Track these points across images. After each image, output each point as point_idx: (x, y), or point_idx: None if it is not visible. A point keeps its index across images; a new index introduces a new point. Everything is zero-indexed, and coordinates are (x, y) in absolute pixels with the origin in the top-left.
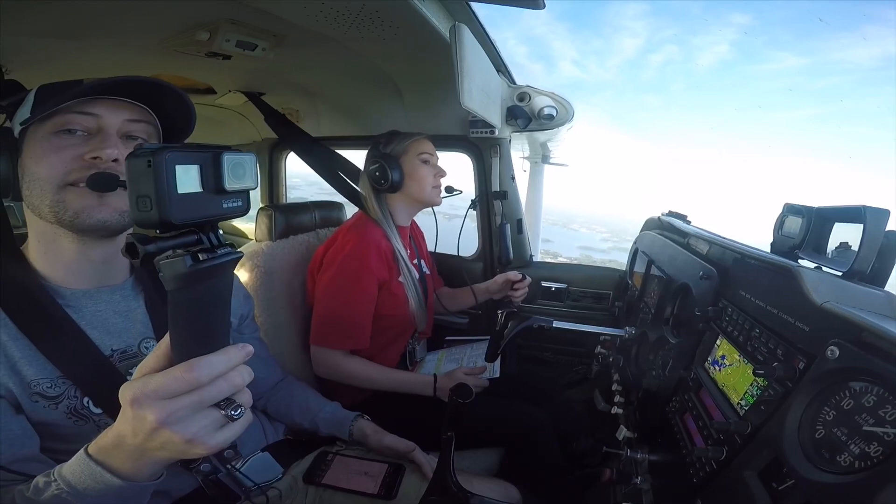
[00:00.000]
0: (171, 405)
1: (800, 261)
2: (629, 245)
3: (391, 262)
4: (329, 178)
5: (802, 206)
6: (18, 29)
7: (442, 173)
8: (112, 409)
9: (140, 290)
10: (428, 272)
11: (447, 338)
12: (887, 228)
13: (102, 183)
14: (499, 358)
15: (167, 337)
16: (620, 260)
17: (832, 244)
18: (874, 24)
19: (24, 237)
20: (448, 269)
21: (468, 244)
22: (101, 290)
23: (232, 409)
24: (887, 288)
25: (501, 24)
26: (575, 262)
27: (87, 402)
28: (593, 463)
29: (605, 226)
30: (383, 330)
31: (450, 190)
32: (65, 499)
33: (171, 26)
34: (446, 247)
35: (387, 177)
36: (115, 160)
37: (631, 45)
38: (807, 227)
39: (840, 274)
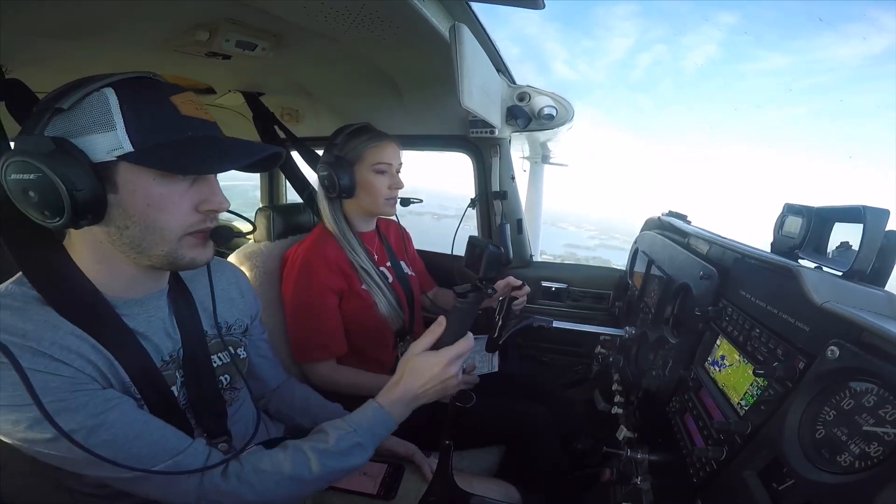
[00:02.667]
0: (460, 362)
1: (800, 261)
2: (616, 243)
3: (348, 272)
4: (297, 185)
5: (802, 206)
6: (19, 28)
7: (399, 185)
8: (154, 413)
9: (171, 301)
10: (411, 273)
11: None
12: (887, 228)
13: (224, 237)
14: (497, 352)
15: (436, 326)
16: (605, 257)
17: (832, 244)
18: (858, 22)
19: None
20: (444, 269)
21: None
22: (147, 298)
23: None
24: (887, 288)
25: (494, 26)
26: (559, 258)
27: (143, 406)
28: (593, 463)
29: (594, 224)
30: (358, 334)
31: (406, 203)
32: (359, 443)
33: (171, 26)
34: (446, 246)
35: (335, 186)
36: None
37: (621, 45)
38: (807, 227)
39: (840, 274)
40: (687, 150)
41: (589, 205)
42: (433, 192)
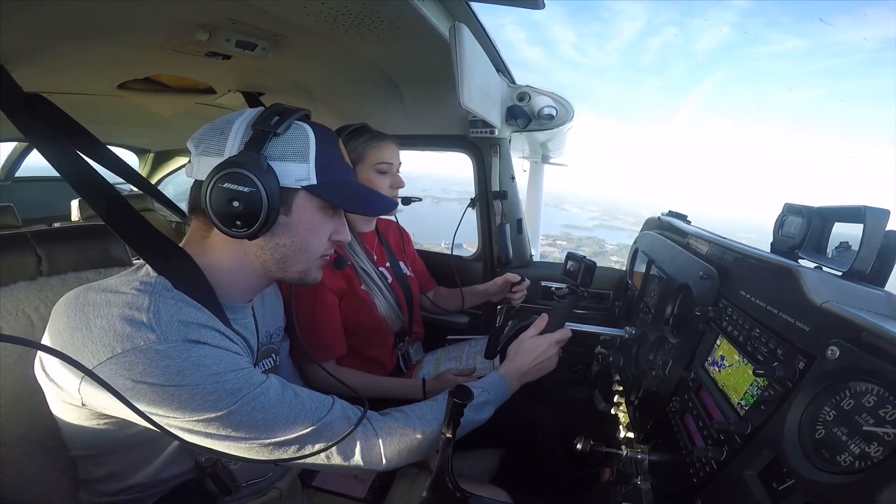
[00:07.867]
0: (558, 347)
1: (800, 261)
2: (617, 223)
3: (348, 272)
4: None
5: (802, 206)
6: (19, 28)
7: (399, 184)
8: None
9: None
10: (409, 274)
11: (448, 337)
12: (887, 228)
13: (343, 264)
14: (497, 356)
15: (540, 321)
16: (601, 237)
17: (832, 244)
18: (874, 6)
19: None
20: (444, 268)
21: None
22: (244, 306)
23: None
24: (887, 288)
25: (499, 10)
26: (551, 238)
27: None
28: (593, 463)
29: (598, 206)
30: (356, 334)
31: (407, 201)
32: (489, 401)
33: (171, 26)
34: (443, 227)
35: None
36: None
37: (631, 28)
38: (807, 227)
39: (840, 274)
40: (704, 135)
41: (595, 187)
42: (435, 176)
